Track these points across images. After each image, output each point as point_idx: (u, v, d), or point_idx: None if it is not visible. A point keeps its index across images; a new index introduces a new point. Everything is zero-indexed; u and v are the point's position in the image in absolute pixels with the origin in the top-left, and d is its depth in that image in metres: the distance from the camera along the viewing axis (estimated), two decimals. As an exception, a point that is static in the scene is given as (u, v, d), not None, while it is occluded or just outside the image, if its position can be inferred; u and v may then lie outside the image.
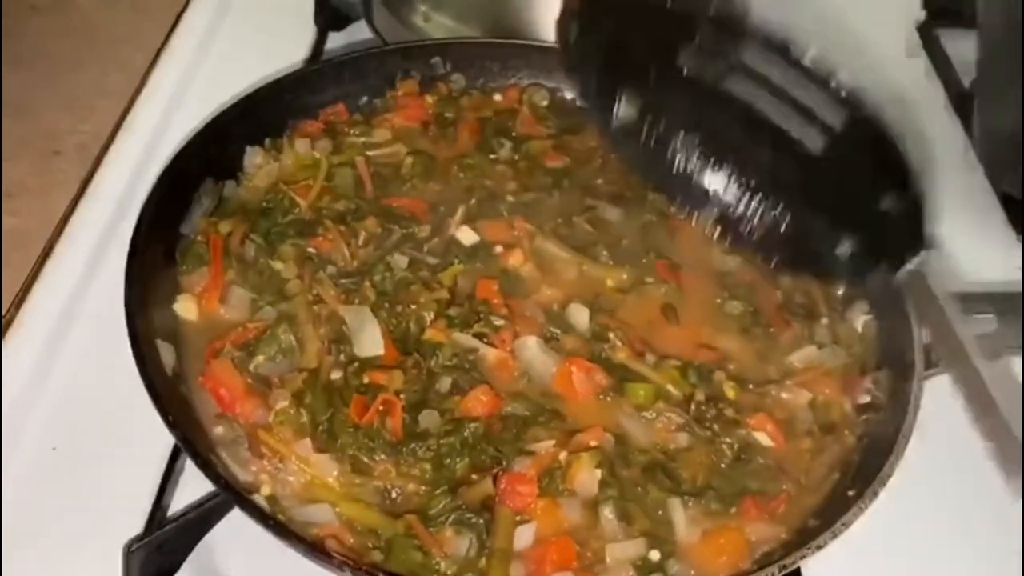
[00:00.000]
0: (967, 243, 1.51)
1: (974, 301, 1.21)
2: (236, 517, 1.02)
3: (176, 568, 1.01)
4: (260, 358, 1.06)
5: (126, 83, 1.66)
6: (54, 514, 1.07)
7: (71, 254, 1.35)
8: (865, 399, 1.13)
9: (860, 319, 1.22)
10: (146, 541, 1.00)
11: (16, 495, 1.08)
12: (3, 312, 1.28)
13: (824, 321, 1.21)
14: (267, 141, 1.31)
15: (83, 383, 1.20)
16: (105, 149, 1.51)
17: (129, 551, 0.99)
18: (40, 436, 1.15)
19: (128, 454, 1.12)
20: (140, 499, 1.08)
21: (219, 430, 1.01)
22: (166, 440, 1.12)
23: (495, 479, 0.99)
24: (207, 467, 0.91)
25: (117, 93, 1.64)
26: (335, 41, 1.76)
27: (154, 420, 0.98)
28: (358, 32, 1.74)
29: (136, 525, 1.06)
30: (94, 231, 1.38)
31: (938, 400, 1.09)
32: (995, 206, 1.60)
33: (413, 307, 1.12)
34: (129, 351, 1.00)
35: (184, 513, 1.02)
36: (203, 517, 1.02)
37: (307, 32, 1.76)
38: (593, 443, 1.04)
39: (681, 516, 1.00)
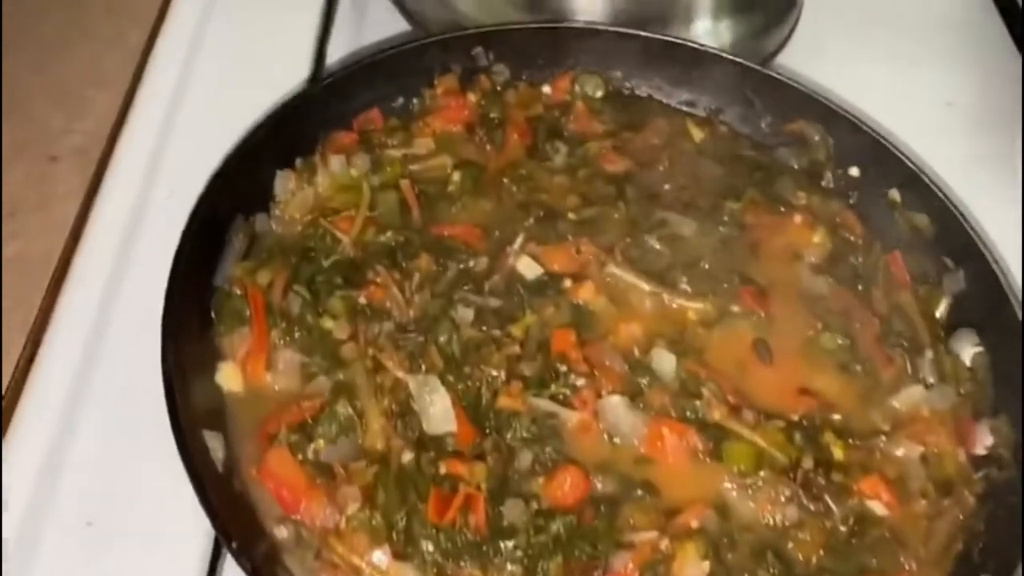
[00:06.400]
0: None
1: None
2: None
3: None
4: (320, 442, 0.95)
5: (121, 65, 1.49)
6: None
7: (86, 282, 1.21)
8: (982, 450, 1.03)
9: (968, 351, 1.11)
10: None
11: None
12: (17, 356, 1.16)
13: (928, 354, 1.11)
14: (298, 162, 1.17)
15: (115, 443, 1.07)
16: (108, 151, 1.36)
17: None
18: (73, 509, 1.03)
19: (170, 525, 1.01)
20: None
21: (282, 532, 0.90)
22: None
23: (595, 582, 0.89)
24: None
25: (113, 79, 1.47)
26: (345, 5, 1.58)
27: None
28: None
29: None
30: (108, 252, 1.24)
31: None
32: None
33: (483, 368, 1.00)
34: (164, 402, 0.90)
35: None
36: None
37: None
38: (694, 524, 0.94)
39: (796, 605, 0.91)
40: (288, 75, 1.39)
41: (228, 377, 1.00)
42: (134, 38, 1.53)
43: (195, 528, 0.99)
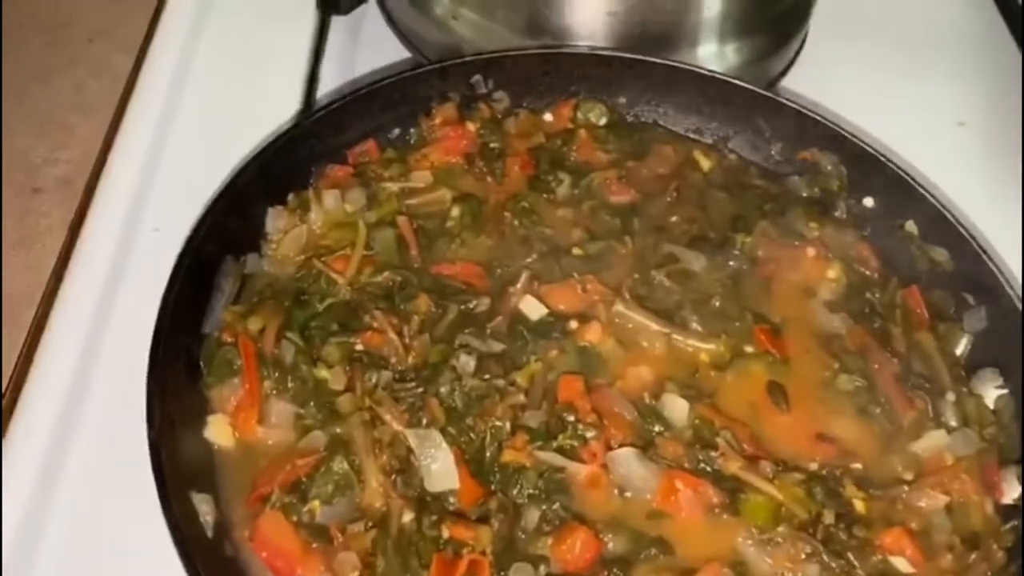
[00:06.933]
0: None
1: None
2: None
3: None
4: (315, 503, 0.90)
5: (106, 93, 1.45)
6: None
7: (69, 323, 1.16)
8: (1009, 500, 0.99)
9: (992, 392, 1.06)
10: None
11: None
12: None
13: (950, 396, 1.05)
14: (290, 197, 1.12)
15: (100, 500, 1.02)
16: (93, 182, 1.30)
17: None
18: (55, 571, 0.98)
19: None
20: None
21: (276, 602, 0.85)
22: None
23: (609, 652, 0.84)
24: None
25: (97, 107, 1.42)
26: (339, 26, 1.53)
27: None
28: (365, 18, 1.52)
29: None
30: (93, 291, 1.19)
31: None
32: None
33: (487, 419, 0.95)
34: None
35: None
36: None
37: (308, 15, 1.53)
38: (711, 585, 0.89)
39: (819, 672, 0.87)
40: (279, 103, 1.34)
41: (218, 432, 0.95)
42: (119, 64, 1.48)
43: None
